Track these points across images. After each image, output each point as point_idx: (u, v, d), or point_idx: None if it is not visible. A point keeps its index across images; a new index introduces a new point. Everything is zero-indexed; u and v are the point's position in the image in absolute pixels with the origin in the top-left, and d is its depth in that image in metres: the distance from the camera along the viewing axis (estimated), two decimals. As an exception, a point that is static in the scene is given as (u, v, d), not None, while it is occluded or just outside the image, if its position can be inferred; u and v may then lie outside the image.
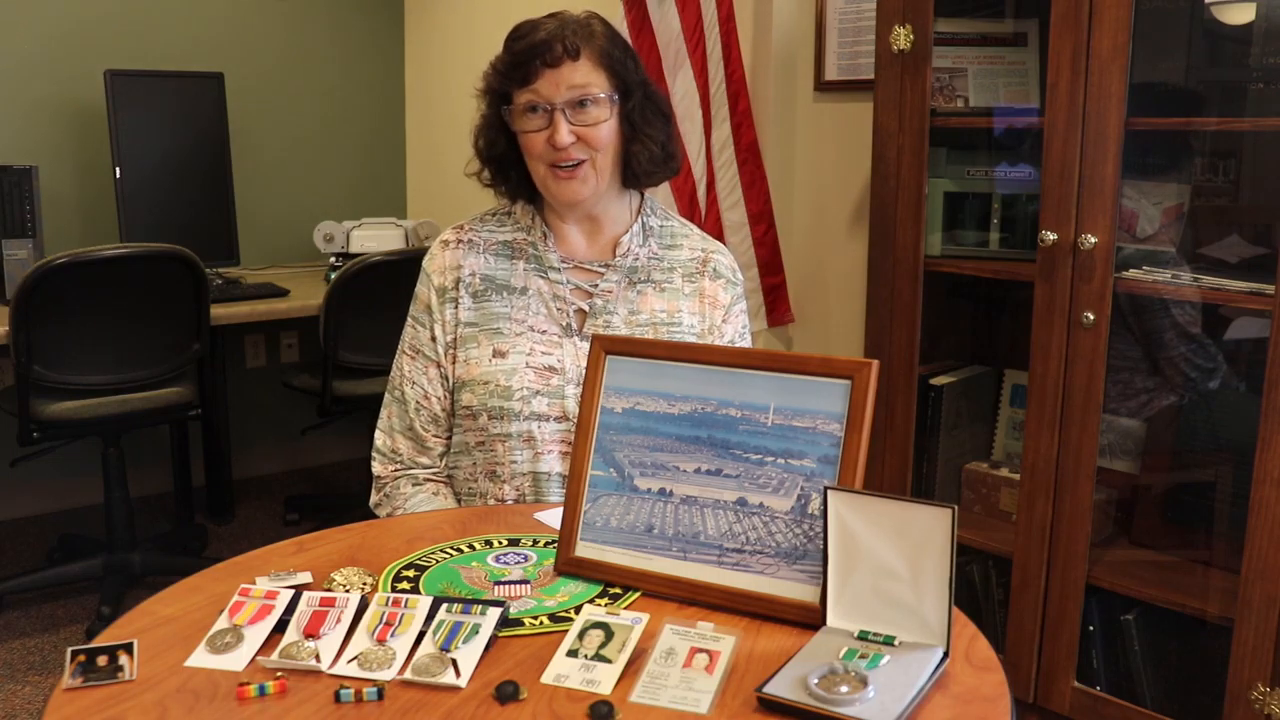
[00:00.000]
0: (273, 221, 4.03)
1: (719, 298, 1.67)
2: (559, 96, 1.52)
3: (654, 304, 1.64)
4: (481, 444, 1.60)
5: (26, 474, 3.44)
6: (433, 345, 1.63)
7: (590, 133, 1.54)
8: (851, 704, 0.95)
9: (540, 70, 1.52)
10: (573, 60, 1.53)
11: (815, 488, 1.14)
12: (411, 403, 1.65)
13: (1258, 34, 1.99)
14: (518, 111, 1.55)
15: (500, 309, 1.61)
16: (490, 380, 1.58)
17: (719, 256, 1.70)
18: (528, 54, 1.52)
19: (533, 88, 1.53)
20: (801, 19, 2.89)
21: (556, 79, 1.52)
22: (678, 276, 1.66)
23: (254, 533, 3.67)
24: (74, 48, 3.62)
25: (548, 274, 1.63)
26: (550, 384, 1.57)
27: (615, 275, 1.63)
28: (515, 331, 1.60)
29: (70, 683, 1.00)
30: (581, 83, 1.53)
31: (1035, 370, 2.09)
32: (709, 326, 1.66)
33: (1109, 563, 2.15)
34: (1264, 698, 1.86)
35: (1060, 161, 2.02)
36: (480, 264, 1.64)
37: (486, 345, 1.60)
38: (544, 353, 1.59)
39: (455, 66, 4.08)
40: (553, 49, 1.52)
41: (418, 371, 1.65)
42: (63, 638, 2.94)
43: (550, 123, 1.53)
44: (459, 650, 1.04)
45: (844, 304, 2.89)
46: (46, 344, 2.76)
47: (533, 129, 1.54)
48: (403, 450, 1.67)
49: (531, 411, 1.56)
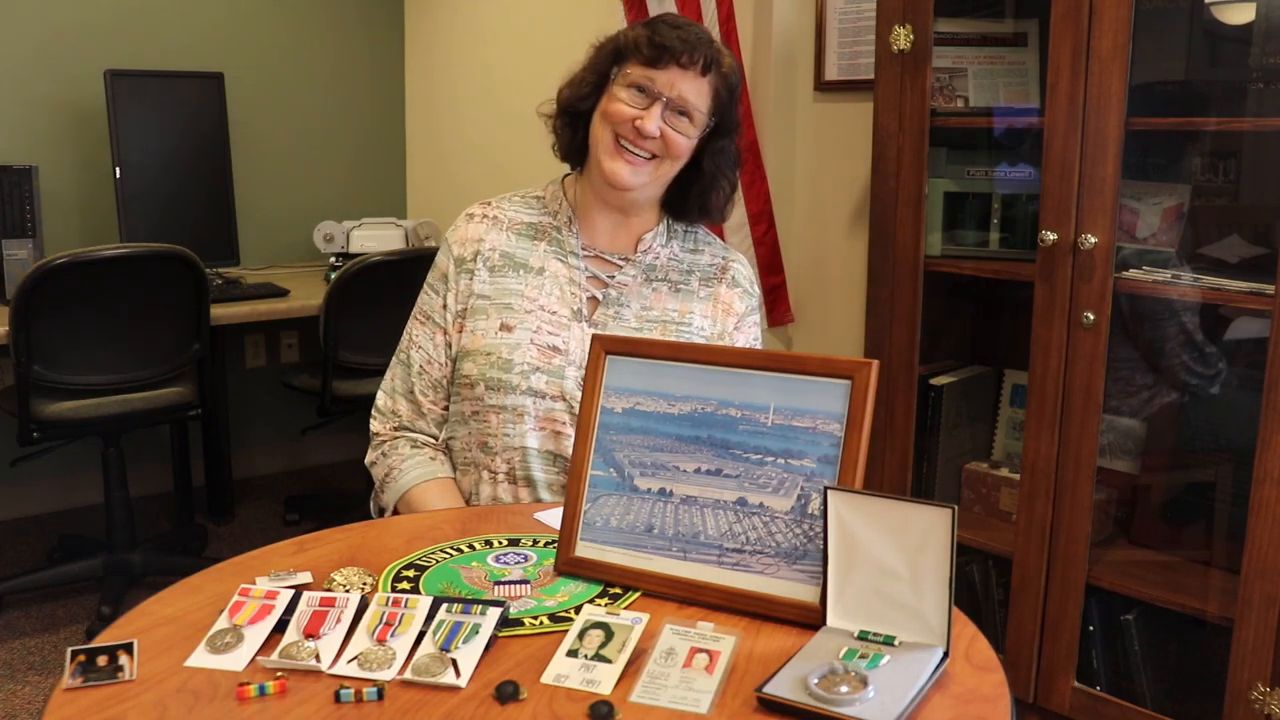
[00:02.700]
0: (273, 221, 4.03)
1: (734, 305, 1.68)
2: (669, 93, 1.55)
3: (667, 303, 1.65)
4: (476, 414, 1.61)
5: (26, 474, 3.44)
6: (443, 313, 1.66)
7: (674, 138, 1.57)
8: (851, 704, 0.95)
9: (670, 64, 1.55)
10: (699, 74, 1.56)
11: (815, 488, 1.14)
12: (415, 366, 1.67)
13: (1258, 34, 1.99)
14: (624, 81, 1.57)
15: (515, 285, 1.63)
16: (493, 352, 1.59)
17: (739, 266, 1.72)
18: (671, 44, 1.55)
19: (652, 73, 1.55)
20: (801, 19, 2.89)
21: (677, 79, 1.55)
22: (695, 280, 1.68)
23: (254, 533, 3.67)
24: (74, 48, 3.61)
25: (567, 258, 1.65)
26: (552, 363, 1.59)
27: (633, 269, 1.65)
28: (525, 309, 1.62)
29: (70, 683, 1.00)
30: (693, 96, 1.56)
31: (1035, 370, 2.09)
32: (720, 332, 1.67)
33: (1109, 563, 2.15)
34: (1264, 698, 1.86)
35: (1060, 161, 2.02)
36: (502, 240, 1.66)
37: (495, 318, 1.62)
38: (550, 333, 1.60)
39: (455, 66, 4.08)
40: (693, 54, 1.55)
41: (424, 337, 1.67)
42: (63, 638, 2.94)
43: (647, 108, 1.56)
44: (459, 650, 1.04)
45: (844, 304, 2.89)
46: (47, 344, 2.76)
47: (627, 101, 1.56)
48: (402, 411, 1.69)
49: (529, 387, 1.57)
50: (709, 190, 1.66)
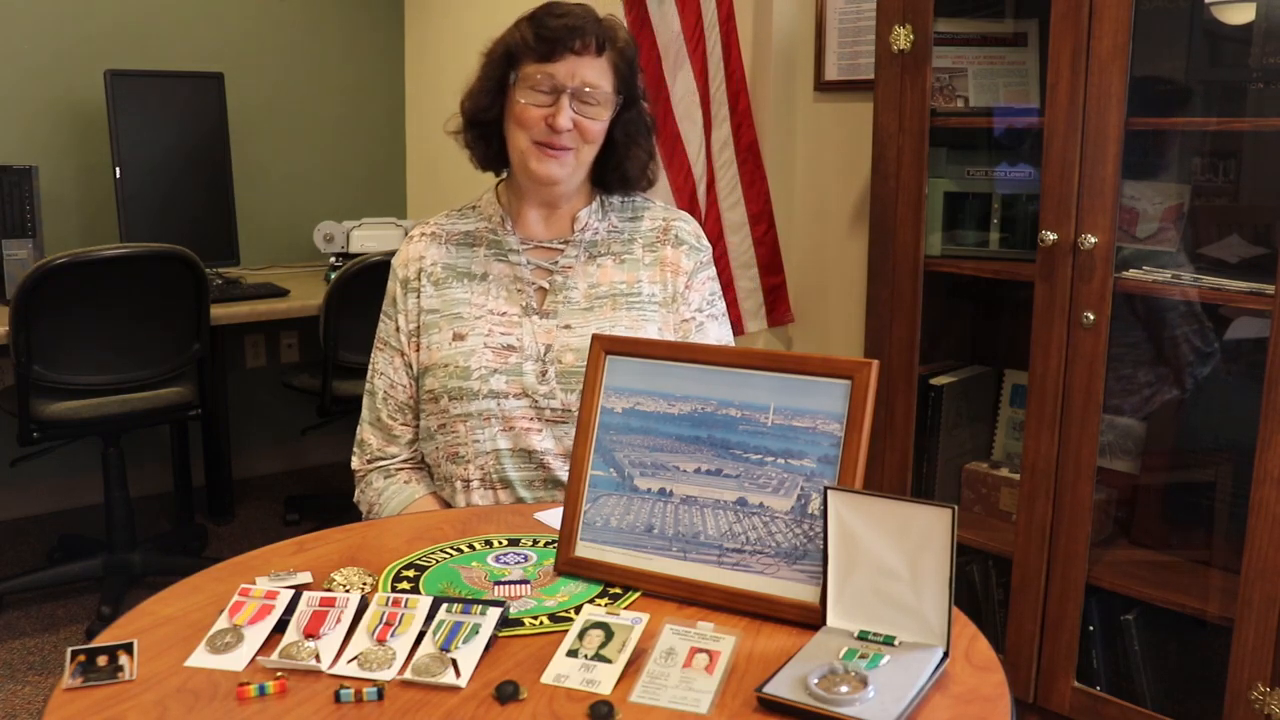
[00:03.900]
0: (273, 221, 4.03)
1: (681, 264, 1.68)
2: (571, 83, 1.55)
3: (613, 275, 1.65)
4: (443, 426, 1.61)
5: (26, 474, 3.44)
6: (397, 336, 1.67)
7: (588, 125, 1.58)
8: (851, 704, 0.95)
9: (564, 54, 1.54)
10: (595, 55, 1.56)
11: (815, 488, 1.14)
12: (379, 393, 1.68)
13: (1258, 34, 1.99)
14: (524, 83, 1.57)
15: (461, 295, 1.64)
16: (450, 363, 1.60)
17: (680, 224, 1.71)
18: (559, 35, 1.54)
19: (550, 68, 1.55)
20: (801, 19, 2.89)
21: (575, 67, 1.55)
22: (638, 247, 1.68)
23: (254, 533, 3.67)
24: (74, 48, 3.61)
25: (507, 256, 1.65)
26: (508, 362, 1.59)
27: (574, 250, 1.65)
28: (475, 315, 1.62)
29: (70, 683, 1.00)
30: (595, 79, 1.56)
31: (1035, 370, 2.09)
32: (671, 294, 1.66)
33: (1109, 563, 2.15)
34: (1264, 698, 1.86)
35: (1060, 161, 2.02)
36: (442, 254, 1.67)
37: (447, 330, 1.62)
38: (503, 333, 1.61)
39: (455, 66, 4.07)
40: (584, 38, 1.55)
41: (385, 362, 1.68)
42: (63, 638, 2.94)
43: (554, 103, 1.55)
44: (459, 650, 1.04)
45: (844, 304, 2.89)
46: (47, 344, 2.76)
47: (533, 103, 1.56)
48: (371, 442, 1.69)
49: (490, 390, 1.57)
50: (624, 160, 1.66)
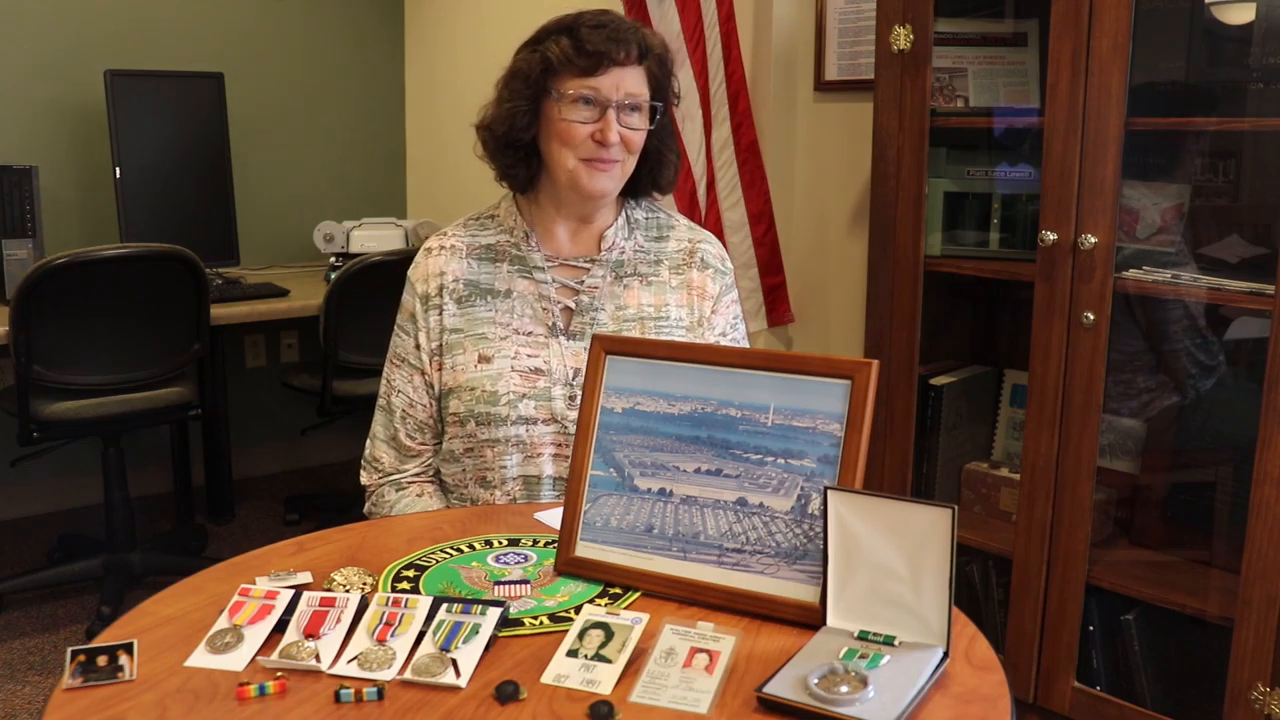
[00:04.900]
0: (273, 221, 4.03)
1: (707, 288, 1.67)
2: (616, 96, 1.53)
3: (641, 298, 1.63)
4: (470, 450, 1.59)
5: (26, 474, 3.44)
6: (417, 354, 1.63)
7: (633, 136, 1.56)
8: (851, 704, 0.95)
9: (608, 67, 1.52)
10: (637, 65, 1.55)
11: (815, 488, 1.14)
12: (398, 411, 1.65)
13: (1258, 34, 1.99)
14: (566, 99, 1.54)
15: (485, 314, 1.61)
16: (476, 386, 1.57)
17: (706, 246, 1.70)
18: (604, 48, 1.52)
19: (594, 81, 1.52)
20: (801, 19, 2.89)
21: (619, 79, 1.53)
22: (664, 269, 1.66)
23: (254, 533, 3.67)
24: (74, 48, 3.61)
25: (532, 274, 1.62)
26: (536, 386, 1.57)
27: (601, 270, 1.63)
28: (500, 335, 1.59)
29: (70, 683, 1.00)
30: (637, 88, 1.55)
31: (1035, 370, 2.09)
32: (698, 319, 1.65)
33: (1109, 563, 2.15)
34: (1264, 698, 1.85)
35: (1060, 161, 2.02)
36: (463, 269, 1.63)
37: (472, 351, 1.59)
38: (530, 355, 1.58)
39: (455, 66, 4.08)
40: (627, 49, 1.53)
41: (403, 380, 1.64)
42: (63, 638, 2.94)
43: (600, 118, 1.53)
44: (459, 650, 1.04)
45: (844, 304, 2.89)
46: (46, 344, 2.76)
47: (580, 119, 1.53)
48: (384, 460, 1.67)
49: (519, 416, 1.55)
50: (659, 167, 1.65)
